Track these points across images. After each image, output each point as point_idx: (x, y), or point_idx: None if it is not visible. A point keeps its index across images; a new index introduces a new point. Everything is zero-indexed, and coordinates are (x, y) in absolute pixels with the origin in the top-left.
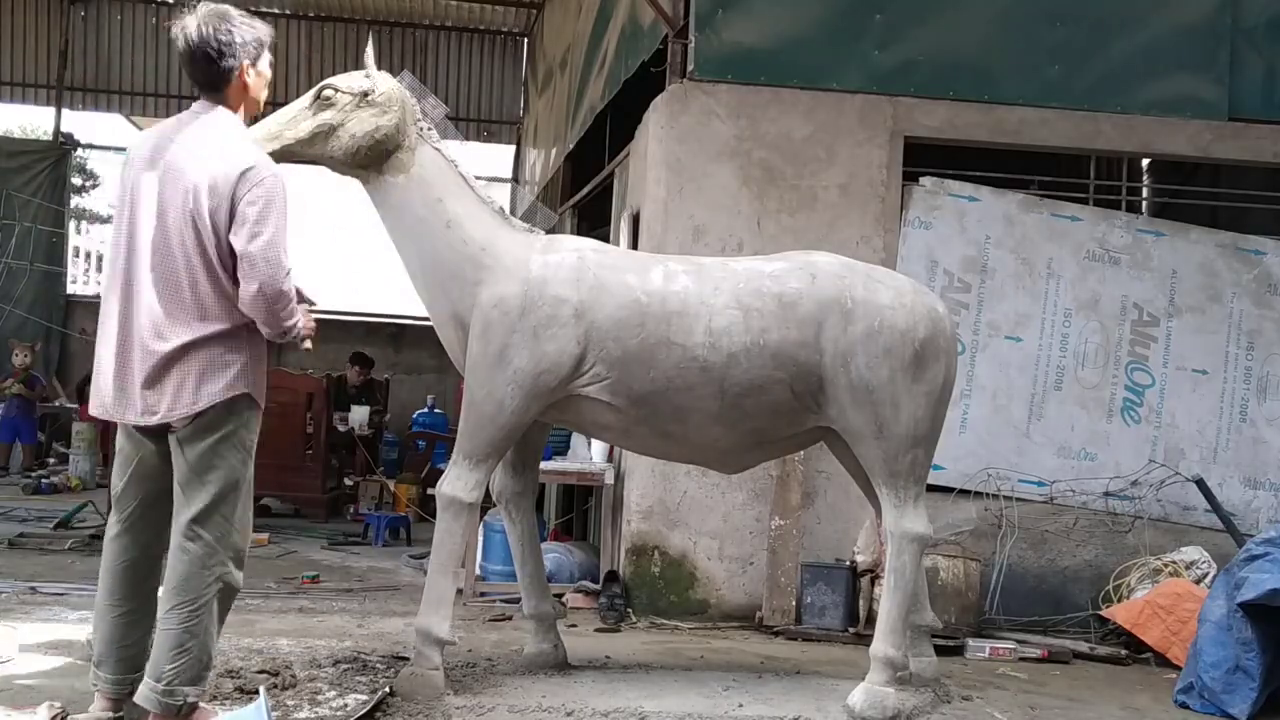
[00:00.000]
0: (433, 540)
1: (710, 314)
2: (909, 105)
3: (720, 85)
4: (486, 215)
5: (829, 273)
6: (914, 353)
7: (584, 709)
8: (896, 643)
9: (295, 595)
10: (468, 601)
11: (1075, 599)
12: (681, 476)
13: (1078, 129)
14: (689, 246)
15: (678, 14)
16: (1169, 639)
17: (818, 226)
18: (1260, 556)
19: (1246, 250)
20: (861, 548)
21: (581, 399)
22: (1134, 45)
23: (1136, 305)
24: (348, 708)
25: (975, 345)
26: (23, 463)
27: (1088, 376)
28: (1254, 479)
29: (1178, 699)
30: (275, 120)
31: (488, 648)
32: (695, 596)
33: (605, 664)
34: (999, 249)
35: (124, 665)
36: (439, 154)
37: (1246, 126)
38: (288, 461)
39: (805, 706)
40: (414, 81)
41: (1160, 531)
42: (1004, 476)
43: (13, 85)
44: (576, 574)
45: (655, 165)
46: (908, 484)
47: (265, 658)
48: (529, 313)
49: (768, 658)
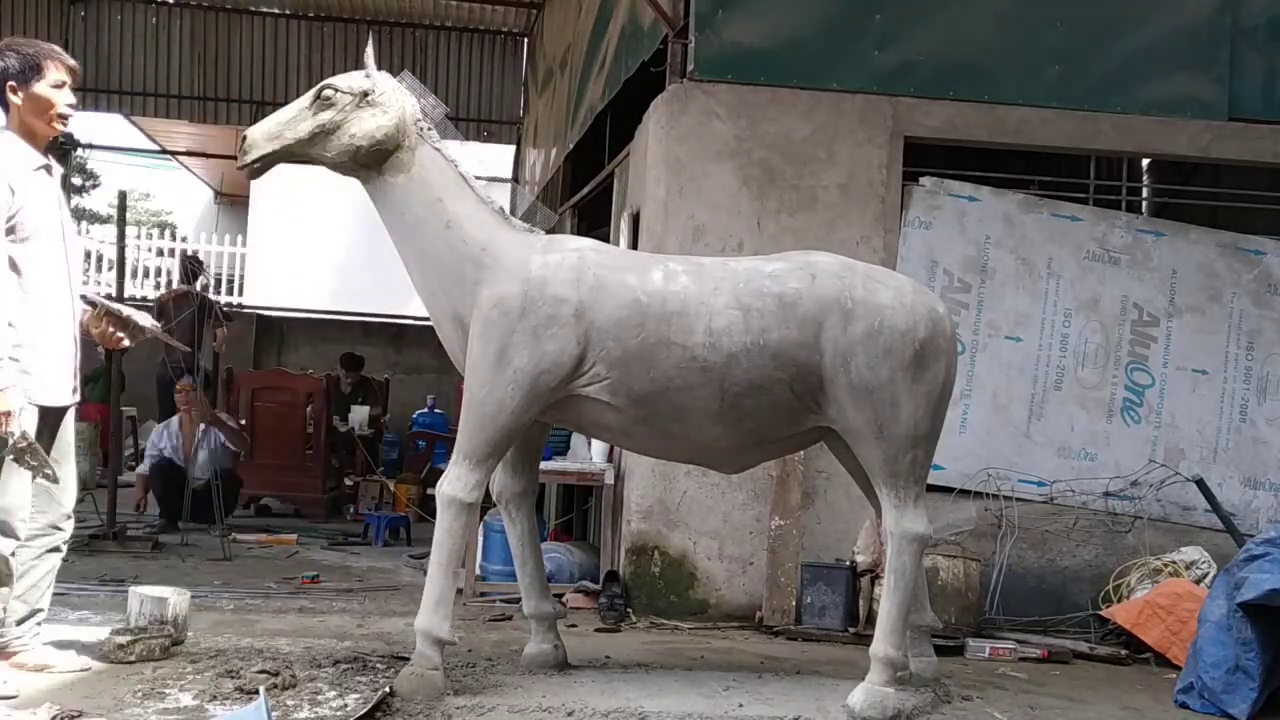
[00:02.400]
0: (433, 540)
1: (710, 314)
2: (909, 105)
3: (720, 85)
4: (486, 215)
5: (829, 273)
6: (914, 353)
7: (584, 709)
8: (896, 643)
9: (295, 595)
10: (468, 601)
11: (1075, 599)
12: (681, 476)
13: (1078, 129)
14: (689, 246)
15: (678, 14)
16: (1169, 639)
17: (818, 226)
18: (1260, 556)
19: (1246, 250)
20: (861, 548)
21: (581, 399)
22: (1134, 45)
23: (1136, 305)
24: (348, 708)
25: (975, 345)
26: None
27: (1088, 376)
28: (1254, 479)
29: (1178, 699)
30: (275, 120)
31: (488, 648)
32: (695, 596)
33: (605, 664)
34: (999, 249)
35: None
36: (439, 154)
37: (1246, 126)
38: (287, 461)
39: (805, 706)
40: (414, 81)
41: (1160, 531)
42: (1004, 476)
43: None
44: (576, 574)
45: (655, 165)
46: (908, 484)
47: (265, 658)
48: (529, 313)
49: (768, 658)
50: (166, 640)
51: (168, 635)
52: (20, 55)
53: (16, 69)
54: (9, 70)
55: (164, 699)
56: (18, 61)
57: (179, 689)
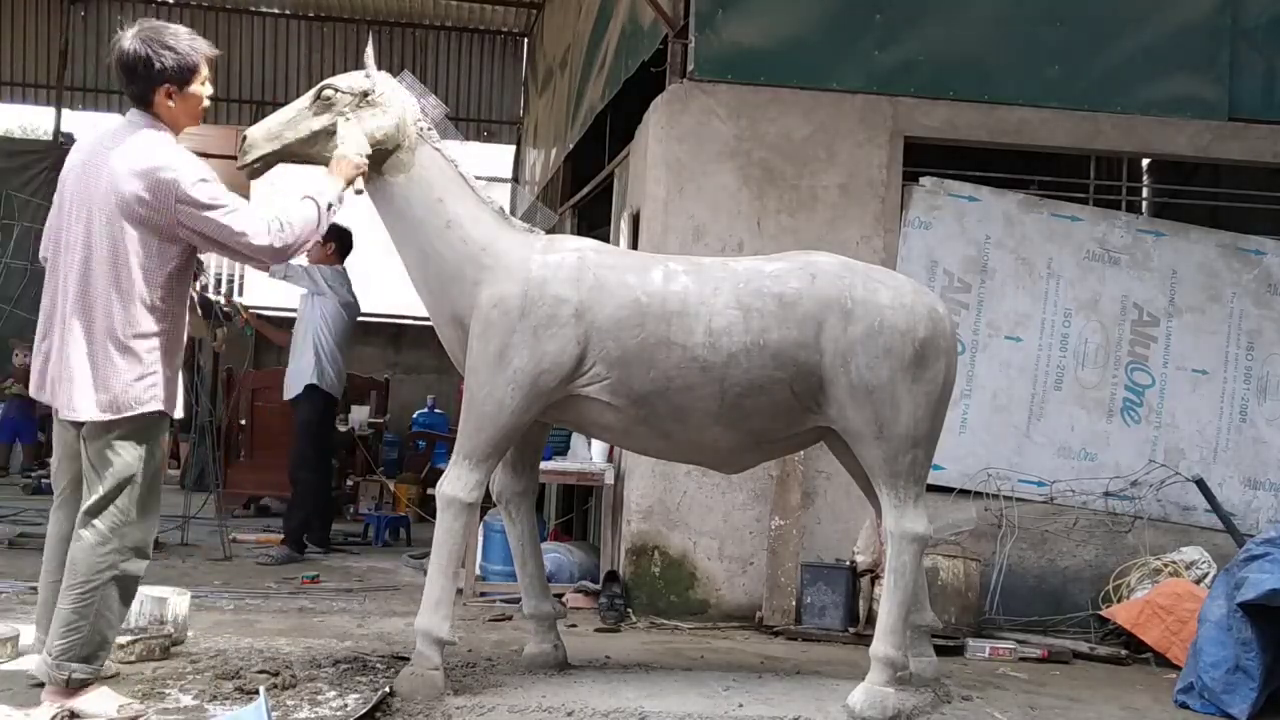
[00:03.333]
0: (433, 540)
1: (710, 314)
2: (909, 105)
3: (720, 85)
4: (486, 215)
5: (829, 273)
6: (914, 353)
7: (584, 709)
8: (896, 643)
9: (295, 595)
10: (468, 601)
11: (1075, 599)
12: (681, 476)
13: (1078, 129)
14: (689, 246)
15: (678, 14)
16: (1169, 639)
17: (818, 226)
18: (1260, 556)
19: (1246, 250)
20: (861, 548)
21: (581, 399)
22: (1134, 45)
23: (1136, 305)
24: (348, 708)
25: (975, 345)
26: (23, 463)
27: (1088, 376)
28: (1254, 479)
29: (1178, 699)
30: (275, 120)
31: (488, 648)
32: (695, 596)
33: (605, 664)
34: (999, 249)
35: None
36: (439, 154)
37: (1246, 126)
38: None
39: (805, 706)
40: (414, 81)
41: (1160, 531)
42: (1004, 476)
43: (13, 85)
44: (576, 574)
45: (655, 165)
46: (908, 484)
47: (265, 658)
48: (529, 313)
49: (768, 658)
50: (166, 640)
51: (168, 635)
52: (177, 55)
53: (174, 70)
54: (167, 72)
55: (164, 699)
56: (174, 61)
57: (179, 689)
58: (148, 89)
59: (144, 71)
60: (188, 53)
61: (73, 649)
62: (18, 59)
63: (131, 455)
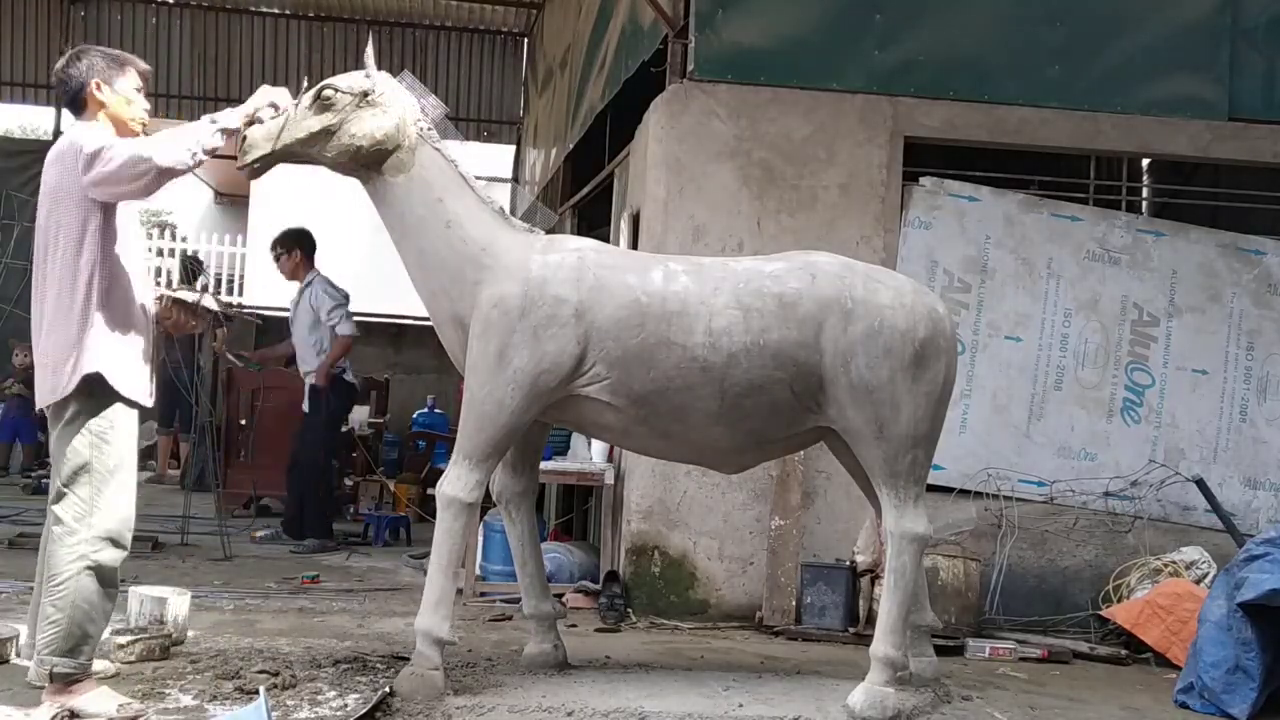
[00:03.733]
0: (433, 540)
1: (710, 314)
2: (909, 105)
3: (720, 85)
4: (486, 215)
5: (829, 273)
6: (914, 353)
7: (584, 709)
8: (896, 643)
9: (295, 595)
10: (468, 601)
11: (1075, 599)
12: (681, 476)
13: (1078, 129)
14: (689, 246)
15: (678, 14)
16: (1169, 639)
17: (818, 226)
18: (1260, 556)
19: (1246, 250)
20: (861, 548)
21: (581, 399)
22: (1134, 45)
23: (1136, 305)
24: (348, 708)
25: (975, 345)
26: (23, 463)
27: (1088, 376)
28: (1254, 479)
29: (1178, 699)
30: (275, 120)
31: (488, 648)
32: (695, 596)
33: (605, 664)
34: (999, 249)
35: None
36: (439, 154)
37: (1246, 126)
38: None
39: (805, 706)
40: (414, 81)
41: (1160, 531)
42: (1004, 476)
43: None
44: (576, 574)
45: (655, 165)
46: (908, 484)
47: (265, 658)
48: (529, 313)
49: (768, 658)
50: (166, 640)
51: (168, 635)
52: (103, 54)
53: (101, 65)
54: (94, 67)
55: (164, 699)
56: (101, 59)
57: (179, 689)
58: (78, 93)
59: (70, 77)
60: (113, 54)
61: (53, 643)
62: (18, 59)
63: (82, 442)
